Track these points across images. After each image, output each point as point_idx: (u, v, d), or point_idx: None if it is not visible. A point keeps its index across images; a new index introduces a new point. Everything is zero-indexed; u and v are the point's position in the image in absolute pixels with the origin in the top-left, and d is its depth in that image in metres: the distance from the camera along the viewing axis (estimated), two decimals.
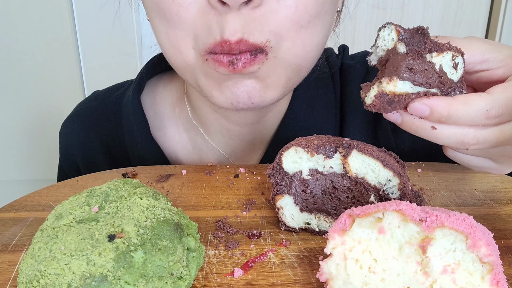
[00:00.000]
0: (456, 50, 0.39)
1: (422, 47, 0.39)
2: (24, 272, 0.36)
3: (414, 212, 0.34)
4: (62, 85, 1.47)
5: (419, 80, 0.38)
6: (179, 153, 0.72)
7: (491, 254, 0.32)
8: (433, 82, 0.38)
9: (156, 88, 0.73)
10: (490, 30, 1.55)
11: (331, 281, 0.37)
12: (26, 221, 0.50)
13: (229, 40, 0.47)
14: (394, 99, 0.39)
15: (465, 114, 0.38)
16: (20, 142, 1.55)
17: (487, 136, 0.40)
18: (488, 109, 0.38)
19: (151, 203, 0.40)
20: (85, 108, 0.76)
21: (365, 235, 0.36)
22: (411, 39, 0.39)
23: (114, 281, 0.34)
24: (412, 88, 0.38)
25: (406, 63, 0.38)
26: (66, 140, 0.76)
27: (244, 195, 0.55)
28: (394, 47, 0.39)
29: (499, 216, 0.50)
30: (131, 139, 0.70)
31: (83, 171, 0.73)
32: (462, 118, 0.38)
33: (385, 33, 0.40)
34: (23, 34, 1.41)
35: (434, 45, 0.39)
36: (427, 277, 0.34)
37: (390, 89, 0.38)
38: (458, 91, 0.40)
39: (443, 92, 0.40)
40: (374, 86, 0.39)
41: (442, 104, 0.38)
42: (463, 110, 0.38)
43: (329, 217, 0.46)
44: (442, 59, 0.39)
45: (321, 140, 0.45)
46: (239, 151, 0.70)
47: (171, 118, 0.72)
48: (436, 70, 0.39)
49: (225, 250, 0.44)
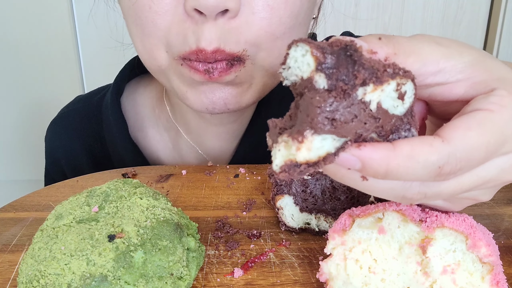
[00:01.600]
0: (404, 75, 0.27)
1: (351, 81, 0.25)
2: (24, 272, 0.36)
3: (414, 212, 0.34)
4: (62, 85, 1.47)
5: (344, 132, 0.26)
6: (161, 153, 0.72)
7: (491, 254, 0.32)
8: (365, 131, 0.27)
9: (136, 90, 0.74)
10: (490, 30, 1.55)
11: (331, 281, 0.37)
12: (26, 221, 0.50)
13: (205, 49, 0.47)
14: (308, 170, 0.26)
15: (409, 172, 0.27)
16: (20, 142, 1.55)
17: (438, 191, 0.30)
18: (441, 165, 0.27)
19: (151, 203, 0.40)
20: (68, 112, 0.77)
21: (365, 235, 0.36)
22: (335, 69, 0.25)
23: (114, 281, 0.34)
24: (335, 141, 0.26)
25: (326, 112, 0.25)
26: (50, 143, 0.77)
27: (244, 195, 0.55)
28: (310, 78, 0.26)
29: (499, 216, 0.50)
30: (111, 140, 0.71)
31: (68, 174, 0.74)
32: (404, 177, 0.27)
33: (297, 53, 0.26)
34: (23, 34, 1.41)
35: (370, 74, 0.26)
36: (427, 277, 0.34)
37: (302, 158, 0.25)
38: (403, 131, 0.29)
39: (382, 137, 0.28)
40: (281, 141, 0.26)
41: (378, 158, 0.27)
42: (407, 166, 0.27)
43: (329, 217, 0.46)
44: (381, 94, 0.26)
45: None
46: (215, 149, 0.70)
47: (151, 119, 0.72)
48: (372, 112, 0.26)
49: (225, 250, 0.44)
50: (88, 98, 0.78)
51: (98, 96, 0.76)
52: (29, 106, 1.51)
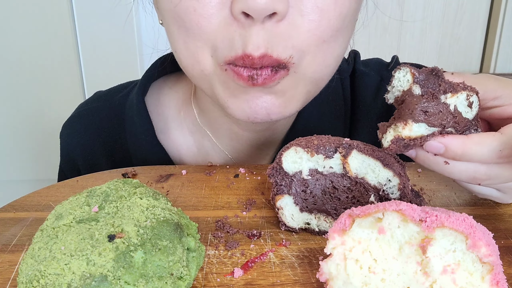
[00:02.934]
0: (471, 90, 0.40)
1: (436, 89, 0.40)
2: (24, 272, 0.36)
3: (414, 212, 0.34)
4: (62, 85, 1.47)
5: (433, 122, 0.39)
6: (184, 156, 0.71)
7: (491, 254, 0.32)
8: (447, 123, 0.40)
9: (161, 90, 0.72)
10: (490, 30, 1.55)
11: (331, 281, 0.37)
12: (26, 221, 0.50)
13: (252, 54, 0.45)
14: (409, 143, 0.40)
15: (479, 153, 0.40)
16: (20, 142, 1.55)
17: (499, 174, 0.41)
18: (501, 149, 0.40)
19: (151, 203, 0.40)
20: (87, 110, 0.75)
21: (365, 235, 0.36)
22: (425, 81, 0.40)
23: (114, 281, 0.34)
24: (427, 130, 0.40)
25: (421, 106, 0.39)
26: (67, 141, 0.75)
27: (244, 195, 0.55)
28: (409, 89, 0.41)
29: (499, 216, 0.50)
30: (134, 141, 0.70)
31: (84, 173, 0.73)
32: (475, 157, 0.40)
33: (400, 74, 0.41)
34: (23, 34, 1.41)
35: (449, 86, 0.40)
36: (427, 277, 0.34)
37: (405, 134, 0.40)
38: (473, 129, 0.42)
39: (458, 131, 0.41)
40: (390, 129, 0.41)
41: (457, 143, 0.40)
42: (477, 149, 0.40)
43: (329, 217, 0.46)
44: (457, 100, 0.40)
45: (321, 140, 0.45)
46: (247, 155, 0.69)
47: (175, 121, 0.71)
48: (451, 110, 0.40)
49: (225, 250, 0.44)
50: (109, 96, 0.76)
51: (120, 95, 0.74)
52: (29, 106, 1.51)
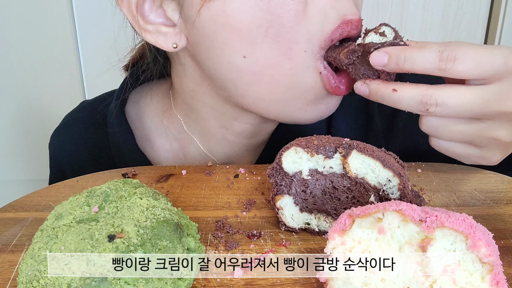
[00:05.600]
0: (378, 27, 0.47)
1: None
2: (24, 272, 0.36)
3: (414, 212, 0.34)
4: (62, 85, 1.47)
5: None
6: (170, 162, 0.71)
7: (491, 254, 0.32)
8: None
9: (140, 100, 0.72)
10: (490, 30, 1.55)
11: (331, 281, 0.37)
12: (26, 221, 0.50)
13: (353, 18, 0.49)
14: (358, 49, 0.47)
15: (420, 56, 0.42)
16: (20, 142, 1.55)
17: (445, 98, 0.42)
18: (441, 50, 0.41)
19: (151, 203, 0.40)
20: (73, 120, 0.76)
21: (365, 235, 0.36)
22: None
23: (114, 281, 0.34)
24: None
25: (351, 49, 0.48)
26: (54, 152, 0.76)
27: (244, 195, 0.55)
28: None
29: (499, 216, 0.50)
30: (117, 150, 0.70)
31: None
32: (417, 60, 0.42)
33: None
34: (23, 34, 1.41)
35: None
36: (427, 277, 0.34)
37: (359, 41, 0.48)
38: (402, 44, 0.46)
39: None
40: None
41: (399, 48, 0.44)
42: (418, 52, 0.42)
43: (329, 217, 0.46)
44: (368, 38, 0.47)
45: (321, 140, 0.45)
46: (233, 158, 0.69)
47: (159, 129, 0.71)
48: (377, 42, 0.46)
49: (225, 250, 0.44)
50: (94, 106, 0.76)
51: (103, 105, 0.74)
52: (29, 106, 1.51)
